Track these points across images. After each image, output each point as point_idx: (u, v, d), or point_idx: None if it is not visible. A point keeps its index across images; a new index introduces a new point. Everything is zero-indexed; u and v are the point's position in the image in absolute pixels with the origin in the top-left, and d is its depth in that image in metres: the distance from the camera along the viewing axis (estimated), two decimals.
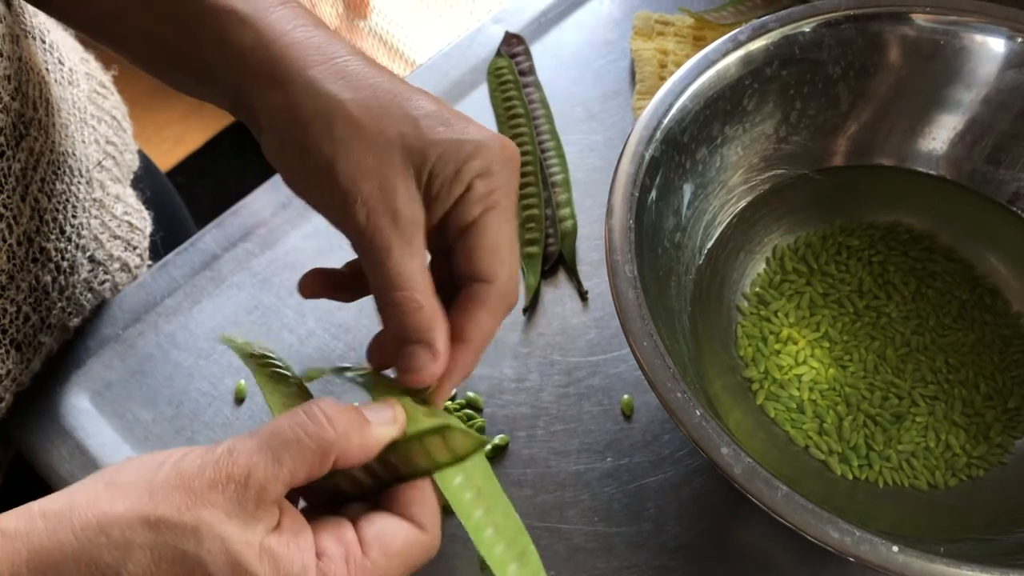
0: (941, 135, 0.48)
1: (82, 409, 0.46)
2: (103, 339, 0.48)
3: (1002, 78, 0.45)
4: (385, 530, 0.31)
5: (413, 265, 0.34)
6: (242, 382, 0.47)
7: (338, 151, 0.34)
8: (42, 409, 0.46)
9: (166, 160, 1.44)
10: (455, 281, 0.37)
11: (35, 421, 0.46)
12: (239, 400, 0.46)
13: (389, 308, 0.34)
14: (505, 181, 0.35)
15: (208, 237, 0.51)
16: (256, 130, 0.37)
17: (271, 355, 0.38)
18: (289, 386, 0.37)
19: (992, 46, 0.45)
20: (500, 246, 0.35)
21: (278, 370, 0.37)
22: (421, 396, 0.36)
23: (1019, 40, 0.44)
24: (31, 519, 0.28)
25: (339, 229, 0.36)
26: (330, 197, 0.34)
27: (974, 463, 0.42)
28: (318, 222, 0.52)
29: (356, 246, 0.35)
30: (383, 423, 0.32)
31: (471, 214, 0.35)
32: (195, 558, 0.28)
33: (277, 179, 0.54)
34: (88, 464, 0.44)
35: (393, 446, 0.32)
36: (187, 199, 0.71)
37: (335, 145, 0.34)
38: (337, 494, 0.33)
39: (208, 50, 0.36)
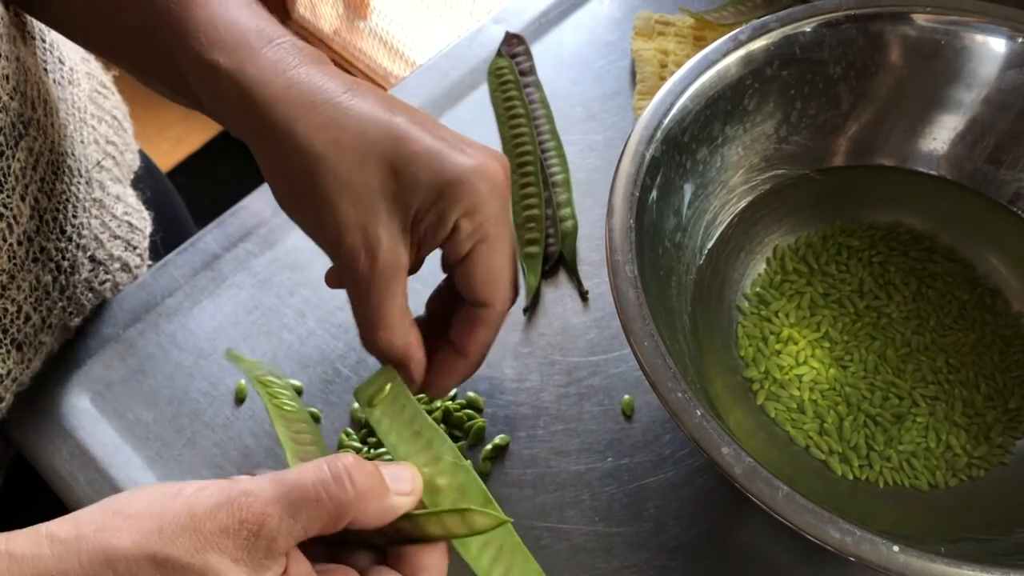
0: (942, 135, 0.48)
1: (83, 409, 0.46)
2: (104, 339, 0.48)
3: (1003, 78, 0.45)
4: None
5: (390, 306, 0.36)
6: (242, 382, 0.47)
7: (323, 207, 0.35)
8: (43, 409, 0.46)
9: (167, 160, 1.44)
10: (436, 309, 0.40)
11: (36, 421, 0.46)
12: (239, 400, 0.46)
13: (368, 343, 0.38)
14: (492, 212, 0.37)
15: (208, 237, 0.51)
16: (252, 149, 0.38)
17: (277, 380, 0.39)
18: (297, 420, 0.37)
19: (993, 46, 0.45)
20: (493, 274, 0.37)
21: (285, 401, 0.38)
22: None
23: (1020, 40, 0.44)
24: (38, 542, 0.28)
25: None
26: (318, 237, 0.37)
27: (975, 463, 0.42)
28: None
29: (344, 282, 0.38)
30: (402, 493, 0.32)
31: (462, 249, 0.37)
32: None
33: None
34: (89, 464, 0.44)
35: (408, 515, 0.32)
36: (187, 199, 0.71)
37: (319, 201, 0.35)
38: (343, 542, 0.33)
39: (200, 95, 0.37)
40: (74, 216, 0.47)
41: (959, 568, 0.32)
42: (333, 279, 0.40)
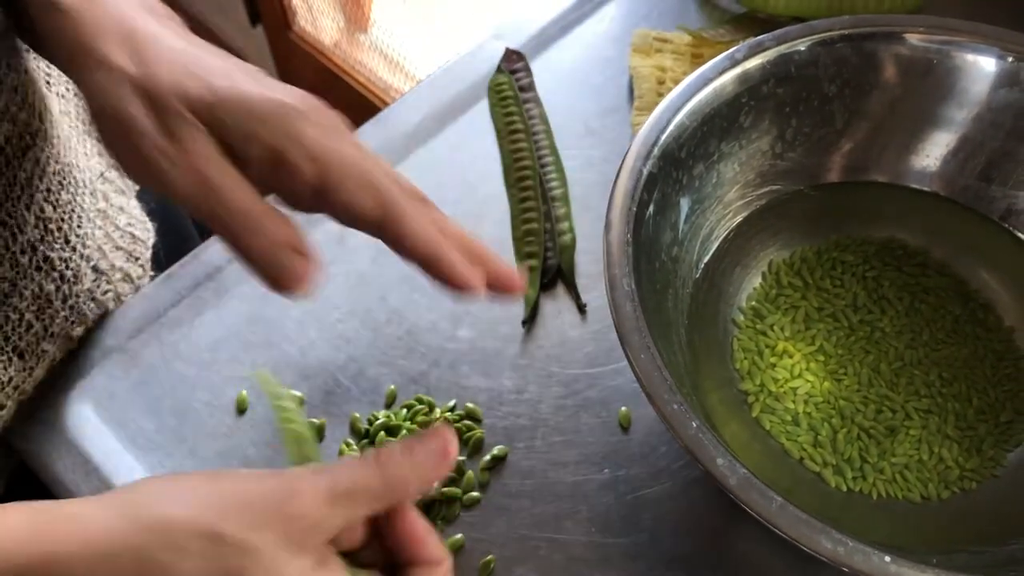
0: (934, 152, 0.48)
1: (86, 418, 0.47)
2: (107, 350, 0.49)
3: (993, 97, 0.46)
4: None
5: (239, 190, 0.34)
6: (244, 392, 0.47)
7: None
8: (47, 419, 0.47)
9: None
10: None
11: (40, 431, 0.46)
12: (241, 411, 0.47)
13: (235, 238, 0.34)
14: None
15: (212, 249, 0.52)
16: None
17: (292, 409, 0.39)
18: (311, 449, 0.38)
19: (984, 65, 0.46)
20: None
21: (297, 429, 0.39)
22: None
23: (1010, 60, 0.45)
24: (98, 505, 0.29)
25: None
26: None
27: (967, 476, 0.43)
28: (320, 235, 0.52)
29: None
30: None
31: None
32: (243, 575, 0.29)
33: None
34: (92, 473, 0.45)
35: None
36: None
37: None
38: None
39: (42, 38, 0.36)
40: (79, 226, 0.48)
41: None
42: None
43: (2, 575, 0.28)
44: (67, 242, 0.47)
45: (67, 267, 0.47)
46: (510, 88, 0.57)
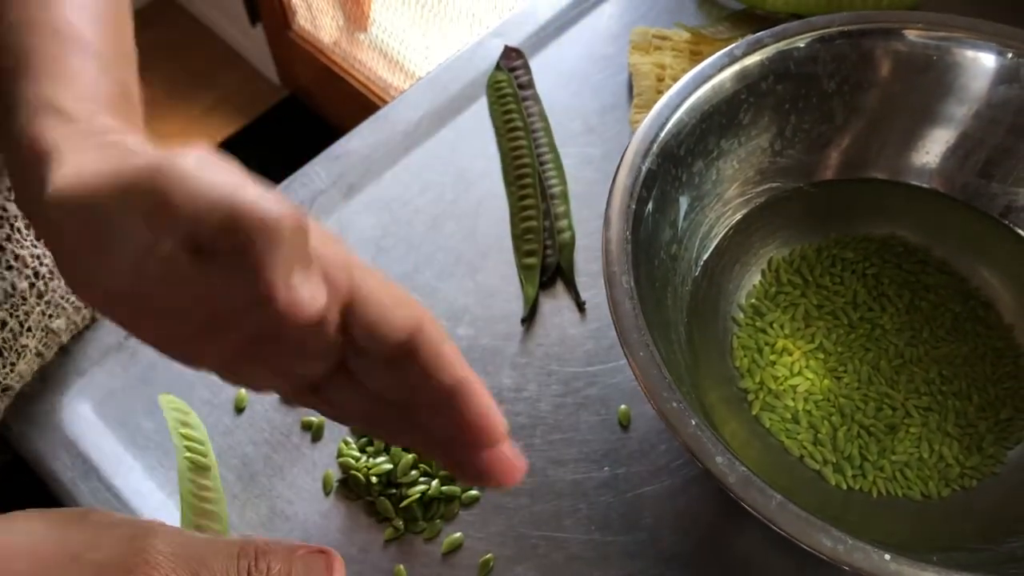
0: (934, 149, 0.48)
1: (85, 417, 0.47)
2: (105, 348, 0.49)
3: (993, 93, 0.46)
4: None
5: None
6: (242, 391, 0.47)
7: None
8: (45, 417, 0.47)
9: None
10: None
11: (38, 429, 0.46)
12: (239, 409, 0.47)
13: None
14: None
15: None
16: None
17: (195, 434, 0.38)
18: (206, 479, 0.38)
19: (983, 61, 0.46)
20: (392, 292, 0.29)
21: (197, 456, 0.38)
22: None
23: (1009, 56, 0.45)
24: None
25: None
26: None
27: (967, 473, 0.42)
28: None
29: None
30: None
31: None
32: None
33: (278, 191, 0.54)
34: (90, 472, 0.45)
35: None
36: None
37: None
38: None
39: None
40: None
41: None
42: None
43: None
44: (38, 239, 0.46)
45: (40, 263, 0.46)
46: (509, 86, 0.57)
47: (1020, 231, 0.48)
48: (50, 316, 0.47)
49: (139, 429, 0.46)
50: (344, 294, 0.27)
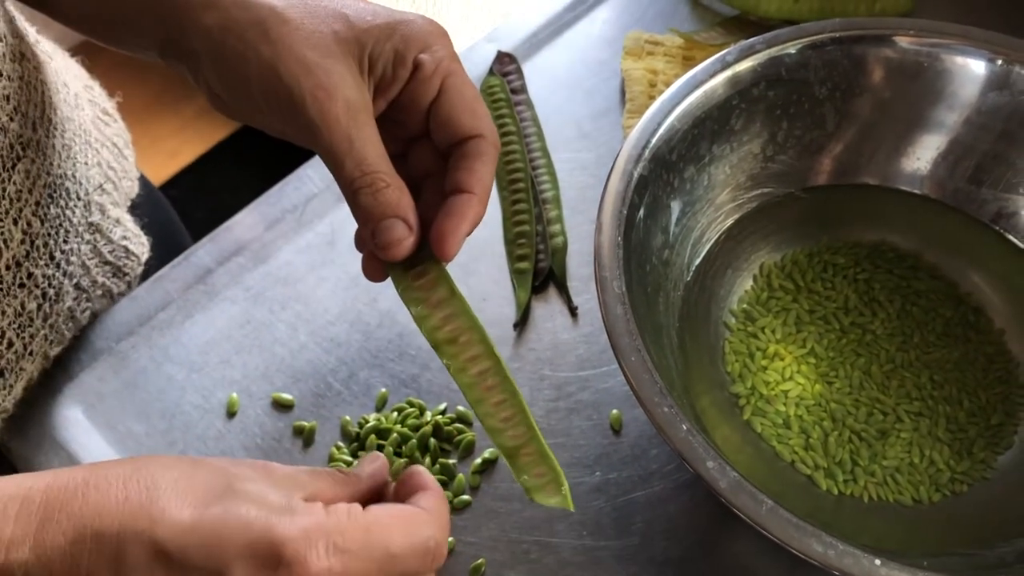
0: (925, 155, 0.49)
1: (75, 421, 0.46)
2: (96, 352, 0.49)
3: (983, 100, 0.46)
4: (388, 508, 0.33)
5: (374, 149, 0.35)
6: (233, 395, 0.47)
7: (278, 52, 0.35)
8: (35, 421, 0.46)
9: (161, 173, 1.44)
10: (419, 172, 0.40)
11: (29, 433, 0.46)
12: (231, 414, 0.47)
13: (360, 193, 0.36)
14: (449, 51, 0.37)
15: (202, 251, 0.52)
16: (193, 67, 0.37)
17: None
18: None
19: (973, 68, 0.46)
20: (474, 103, 0.38)
21: None
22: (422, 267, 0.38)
23: (999, 63, 0.45)
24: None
25: (295, 139, 0.37)
26: (277, 102, 0.35)
27: (958, 478, 0.43)
28: (311, 237, 0.52)
29: (315, 144, 0.36)
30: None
31: (432, 88, 0.37)
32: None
33: (271, 194, 0.54)
34: None
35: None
36: (181, 212, 0.71)
37: (274, 47, 0.35)
38: None
39: None
40: (64, 242, 0.46)
41: None
42: (377, 272, 0.39)
43: None
44: (51, 258, 0.45)
45: (50, 285, 0.46)
46: (502, 91, 0.57)
47: (1010, 236, 0.48)
48: (51, 343, 0.47)
49: (129, 433, 0.46)
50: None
